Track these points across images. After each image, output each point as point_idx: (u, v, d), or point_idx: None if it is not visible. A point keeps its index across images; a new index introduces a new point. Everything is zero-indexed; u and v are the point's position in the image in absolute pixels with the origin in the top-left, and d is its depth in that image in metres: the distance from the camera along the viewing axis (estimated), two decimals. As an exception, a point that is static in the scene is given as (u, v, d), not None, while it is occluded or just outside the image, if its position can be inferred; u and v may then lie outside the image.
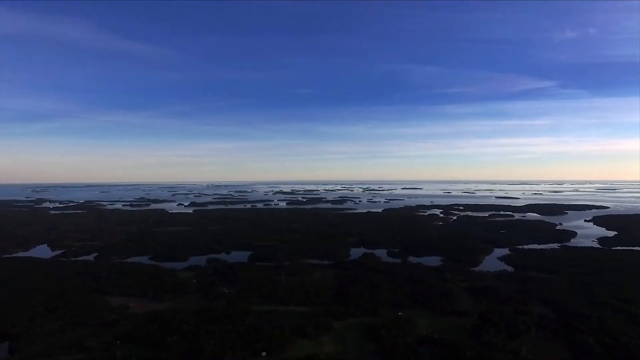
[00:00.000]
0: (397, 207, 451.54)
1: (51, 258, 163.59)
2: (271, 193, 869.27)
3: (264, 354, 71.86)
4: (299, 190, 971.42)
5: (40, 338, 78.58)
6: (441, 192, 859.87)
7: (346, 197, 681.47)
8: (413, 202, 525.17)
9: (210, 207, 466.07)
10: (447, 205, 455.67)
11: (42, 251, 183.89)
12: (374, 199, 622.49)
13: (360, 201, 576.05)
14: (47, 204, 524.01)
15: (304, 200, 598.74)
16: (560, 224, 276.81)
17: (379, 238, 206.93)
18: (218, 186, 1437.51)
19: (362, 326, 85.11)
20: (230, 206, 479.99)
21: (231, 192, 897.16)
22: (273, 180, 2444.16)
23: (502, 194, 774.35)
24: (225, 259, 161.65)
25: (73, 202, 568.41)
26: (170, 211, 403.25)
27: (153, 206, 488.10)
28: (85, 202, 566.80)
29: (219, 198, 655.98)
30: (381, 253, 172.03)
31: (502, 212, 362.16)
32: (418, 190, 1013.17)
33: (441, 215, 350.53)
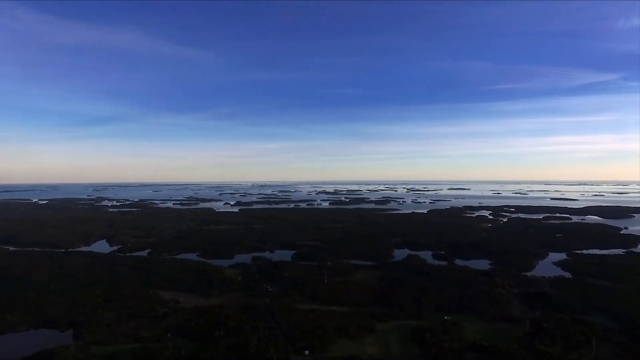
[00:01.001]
0: (443, 208, 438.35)
1: (109, 253, 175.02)
2: (314, 193, 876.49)
3: (306, 352, 72.25)
4: (341, 191, 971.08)
5: (99, 327, 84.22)
6: (490, 193, 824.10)
7: (390, 197, 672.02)
8: (460, 203, 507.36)
9: (255, 206, 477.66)
10: (496, 206, 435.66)
11: (102, 246, 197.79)
12: (419, 200, 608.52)
13: (404, 202, 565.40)
14: (105, 202, 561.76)
15: (347, 200, 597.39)
16: (626, 227, 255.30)
17: (424, 239, 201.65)
18: (262, 186, 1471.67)
19: (406, 329, 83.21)
20: (274, 206, 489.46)
21: (275, 192, 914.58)
22: (316, 180, 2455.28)
23: (557, 195, 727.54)
24: (270, 257, 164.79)
25: (129, 200, 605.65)
26: (217, 210, 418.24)
27: (201, 205, 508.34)
28: (140, 200, 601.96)
29: (263, 198, 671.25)
30: (426, 255, 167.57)
31: (557, 215, 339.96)
32: (465, 190, 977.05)
33: (490, 217, 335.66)
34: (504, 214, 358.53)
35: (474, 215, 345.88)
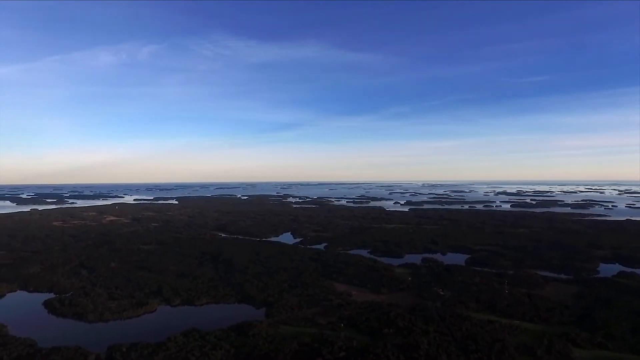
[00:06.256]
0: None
1: (293, 244, 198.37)
2: (492, 193, 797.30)
3: (482, 366, 65.88)
4: (526, 191, 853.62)
5: (285, 309, 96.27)
6: None
7: (593, 200, 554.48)
8: None
9: (425, 206, 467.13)
10: None
11: (287, 237, 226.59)
12: (638, 204, 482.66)
13: (615, 206, 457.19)
14: (290, 199, 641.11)
15: (533, 202, 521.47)
16: None
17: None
18: (433, 185, 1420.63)
19: (617, 363, 66.82)
20: (446, 206, 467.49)
21: (447, 192, 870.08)
22: (495, 180, 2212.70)
23: None
24: (441, 259, 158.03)
25: (309, 198, 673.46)
26: (387, 209, 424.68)
27: (372, 204, 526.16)
28: (318, 198, 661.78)
29: (434, 197, 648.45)
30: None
31: None
32: None
33: None
34: None
35: None
